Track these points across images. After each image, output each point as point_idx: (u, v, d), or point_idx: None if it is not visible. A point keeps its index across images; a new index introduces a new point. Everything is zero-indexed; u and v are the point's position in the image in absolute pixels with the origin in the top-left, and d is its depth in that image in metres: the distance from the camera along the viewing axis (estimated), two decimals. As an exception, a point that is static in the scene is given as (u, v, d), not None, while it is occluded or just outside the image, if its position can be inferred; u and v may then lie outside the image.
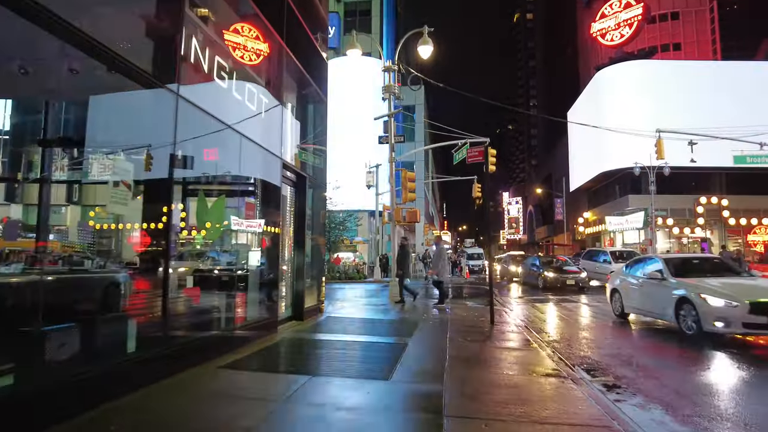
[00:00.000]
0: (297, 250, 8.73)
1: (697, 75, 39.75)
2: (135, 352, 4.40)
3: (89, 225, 4.38)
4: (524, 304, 13.87)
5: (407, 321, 9.27)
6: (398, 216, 15.13)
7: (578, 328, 9.51)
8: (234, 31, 6.37)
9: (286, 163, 8.02)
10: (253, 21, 6.79)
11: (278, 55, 7.68)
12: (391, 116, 15.48)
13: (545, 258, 21.97)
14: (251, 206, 6.76)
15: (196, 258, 6.44)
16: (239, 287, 6.83)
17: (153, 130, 4.82)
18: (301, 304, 8.69)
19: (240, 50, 6.41)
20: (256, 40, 6.68)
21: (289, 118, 8.50)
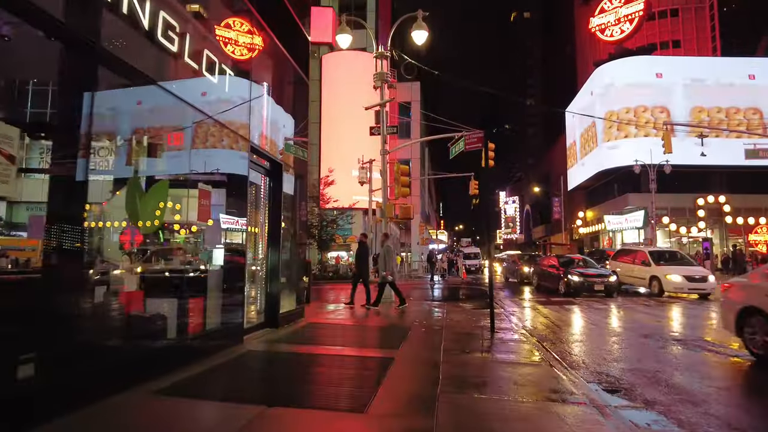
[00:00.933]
0: (272, 248, 7.67)
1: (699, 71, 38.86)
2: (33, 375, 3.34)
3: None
4: (535, 310, 12.17)
5: (396, 328, 8.22)
6: (390, 212, 14.08)
7: (604, 342, 7.79)
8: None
9: (257, 147, 6.95)
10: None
11: (248, 23, 6.62)
12: (383, 106, 14.42)
13: (565, 258, 18.65)
14: (205, 194, 5.68)
15: (140, 257, 5.38)
16: (195, 291, 5.77)
17: (60, 93, 3.75)
18: (275, 309, 7.63)
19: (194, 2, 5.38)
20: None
21: (262, 97, 7.44)
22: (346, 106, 37.91)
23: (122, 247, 4.85)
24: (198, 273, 5.96)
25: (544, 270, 18.04)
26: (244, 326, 6.64)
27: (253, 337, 6.79)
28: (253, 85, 6.81)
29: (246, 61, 6.59)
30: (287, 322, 8.06)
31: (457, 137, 17.63)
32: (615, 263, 18.37)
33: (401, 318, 9.80)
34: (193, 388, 4.28)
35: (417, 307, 12.38)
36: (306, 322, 8.45)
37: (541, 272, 18.26)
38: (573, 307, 12.67)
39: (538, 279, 18.69)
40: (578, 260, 17.52)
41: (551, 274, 17.10)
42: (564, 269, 16.25)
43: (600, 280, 15.40)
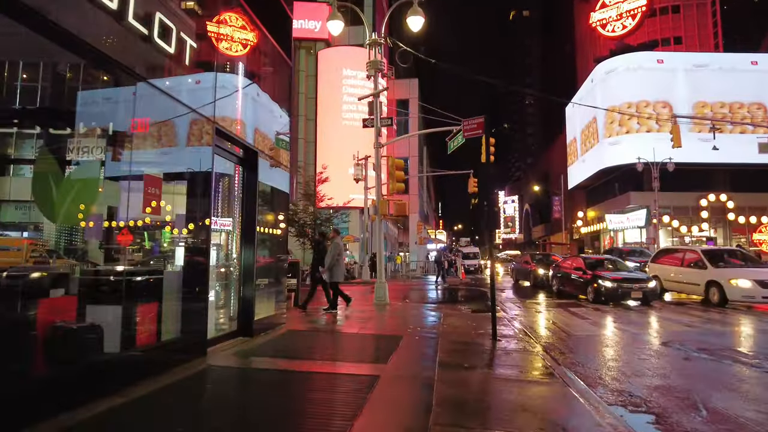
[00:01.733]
0: (245, 247, 6.80)
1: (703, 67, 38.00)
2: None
3: None
4: (554, 320, 10.04)
5: (387, 337, 7.34)
6: (384, 209, 13.21)
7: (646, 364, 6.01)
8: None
9: (225, 131, 6.08)
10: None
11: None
12: (376, 96, 13.56)
13: (591, 259, 15.63)
14: (153, 182, 4.79)
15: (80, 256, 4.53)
16: (147, 296, 4.90)
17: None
18: (249, 315, 6.76)
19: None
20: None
21: (233, 75, 6.57)
22: (343, 103, 37.14)
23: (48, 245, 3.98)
24: (151, 275, 5.09)
25: (566, 273, 15.44)
26: (209, 336, 5.77)
27: (220, 349, 5.92)
28: (218, 55, 5.93)
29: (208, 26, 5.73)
30: (265, 330, 7.19)
31: (456, 131, 16.77)
32: (655, 266, 15.48)
33: (394, 324, 8.93)
34: (114, 421, 3.40)
35: (413, 310, 11.51)
36: (286, 330, 7.57)
37: (563, 276, 15.67)
38: (603, 317, 10.56)
39: (559, 283, 15.97)
40: (606, 262, 15.06)
41: (576, 279, 14.60)
42: (592, 273, 13.82)
43: (638, 286, 12.89)
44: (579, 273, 14.51)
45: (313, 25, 40.74)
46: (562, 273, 15.84)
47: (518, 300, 15.13)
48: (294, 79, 38.65)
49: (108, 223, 4.76)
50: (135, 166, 4.95)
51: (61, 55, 3.93)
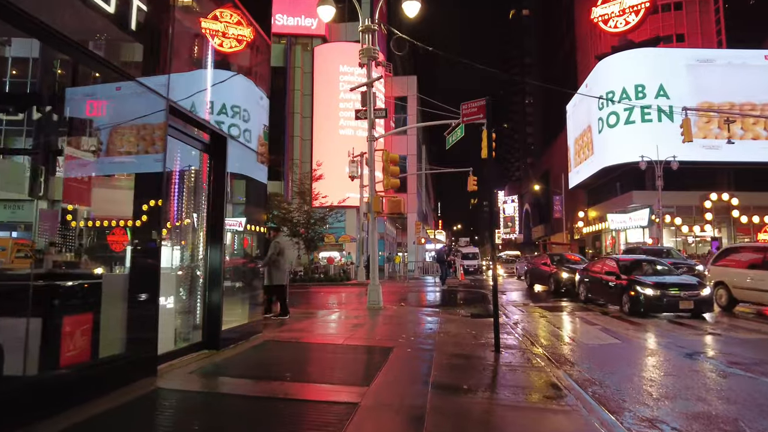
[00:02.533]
0: (212, 246, 5.92)
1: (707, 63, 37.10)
2: None
3: None
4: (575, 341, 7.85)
5: (375, 349, 6.47)
6: (378, 206, 12.34)
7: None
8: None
9: (186, 112, 5.21)
10: None
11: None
12: (370, 85, 12.69)
13: (628, 260, 12.84)
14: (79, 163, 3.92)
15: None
16: (78, 305, 4.04)
17: None
18: (215, 325, 5.88)
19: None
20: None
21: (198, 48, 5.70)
22: (340, 100, 36.26)
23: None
24: (86, 280, 4.22)
25: (596, 278, 12.90)
26: (164, 350, 4.90)
27: (177, 365, 5.05)
28: (176, 22, 5.05)
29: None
30: (236, 341, 6.32)
31: (454, 124, 15.93)
32: (718, 269, 12.43)
33: (385, 332, 8.06)
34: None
35: (408, 315, 10.64)
36: (263, 340, 6.68)
37: (593, 281, 13.13)
38: (639, 330, 8.65)
39: (587, 290, 13.48)
40: (645, 264, 12.50)
41: (608, 285, 12.07)
42: (627, 277, 11.36)
43: (687, 293, 10.41)
44: (611, 278, 11.92)
45: (310, 22, 39.97)
46: (591, 278, 13.29)
47: (528, 304, 14.09)
48: (289, 75, 37.83)
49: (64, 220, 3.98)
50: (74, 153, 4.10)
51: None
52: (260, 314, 7.13)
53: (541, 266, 18.19)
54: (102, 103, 4.73)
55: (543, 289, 18.18)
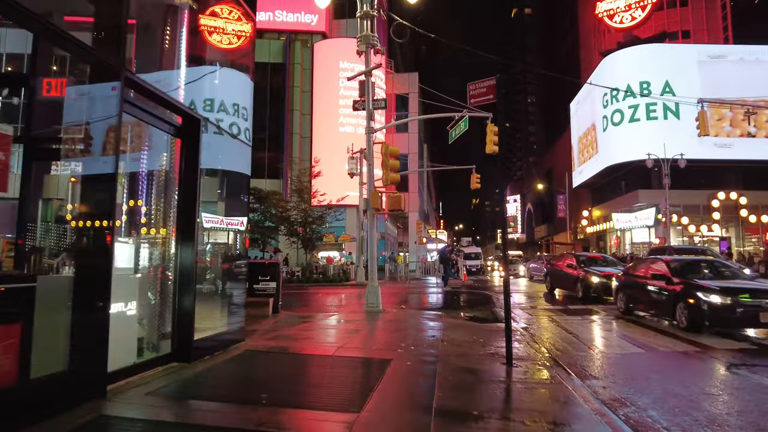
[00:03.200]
0: (183, 245, 5.17)
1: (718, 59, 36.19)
2: None
3: None
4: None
5: (370, 361, 5.72)
6: (376, 202, 11.57)
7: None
8: None
9: (144, 86, 4.45)
10: None
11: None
12: (368, 74, 11.94)
13: (680, 261, 10.31)
14: None
15: None
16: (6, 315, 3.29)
17: None
18: (187, 333, 5.13)
19: None
20: None
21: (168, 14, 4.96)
22: (340, 97, 35.52)
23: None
24: (11, 283, 3.47)
25: (640, 284, 10.34)
26: (122, 365, 4.16)
27: (135, 383, 4.29)
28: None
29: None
30: (212, 351, 5.56)
31: (458, 117, 15.17)
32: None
33: (383, 340, 7.30)
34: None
35: (409, 320, 9.88)
36: (244, 350, 5.93)
37: (635, 287, 10.57)
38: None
39: (628, 298, 10.80)
40: (703, 265, 10.17)
41: (656, 292, 9.60)
42: (682, 281, 8.88)
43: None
44: (659, 283, 9.51)
45: (310, 19, 39.30)
46: (633, 284, 10.66)
47: (552, 311, 12.58)
48: (288, 72, 37.08)
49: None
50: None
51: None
52: (242, 320, 6.38)
53: (566, 269, 15.69)
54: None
55: (566, 293, 15.86)
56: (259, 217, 23.91)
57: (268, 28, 39.13)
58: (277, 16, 39.10)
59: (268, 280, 11.17)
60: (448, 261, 21.73)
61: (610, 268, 14.38)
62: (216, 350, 5.63)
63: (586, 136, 45.81)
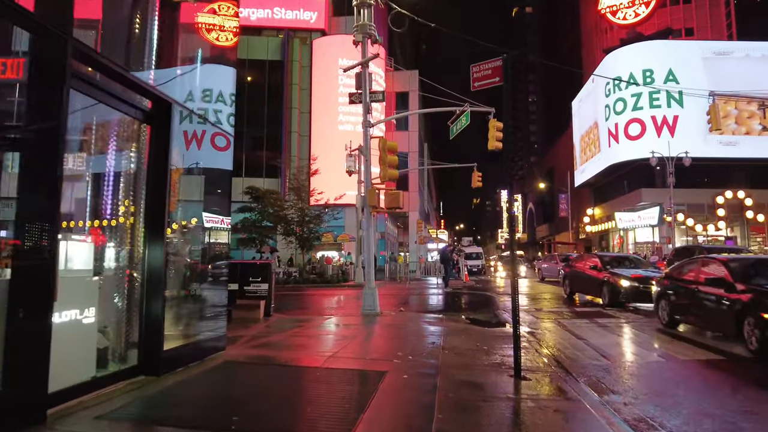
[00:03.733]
0: (151, 245, 4.60)
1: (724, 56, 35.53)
2: None
3: None
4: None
5: (363, 371, 5.14)
6: (373, 199, 11.00)
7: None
8: None
9: (98, 60, 3.88)
10: None
11: None
12: (365, 65, 11.37)
13: (745, 261, 8.42)
14: None
15: None
16: None
17: None
18: (155, 343, 4.56)
19: None
20: None
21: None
22: (339, 95, 34.94)
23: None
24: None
25: (690, 289, 8.34)
26: (70, 382, 3.59)
27: (87, 404, 3.71)
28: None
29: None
30: (186, 362, 4.99)
31: (459, 112, 14.59)
32: None
33: (379, 348, 6.73)
34: None
35: (408, 324, 9.30)
36: (222, 360, 5.35)
37: (683, 294, 8.56)
38: None
39: (672, 308, 8.84)
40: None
41: (712, 301, 7.60)
42: (749, 289, 6.90)
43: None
44: (718, 290, 7.43)
45: (309, 16, 38.76)
46: (680, 289, 8.66)
47: (576, 324, 10.03)
48: (287, 69, 36.51)
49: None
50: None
51: None
52: (223, 326, 5.81)
53: (588, 270, 13.73)
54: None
55: (588, 298, 14.13)
56: (257, 217, 23.35)
57: (267, 25, 38.60)
58: (275, 13, 38.56)
59: (259, 281, 10.62)
60: (449, 261, 20.88)
61: (641, 269, 12.79)
62: (191, 361, 5.05)
63: (588, 134, 45.22)
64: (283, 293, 17.24)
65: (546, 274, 24.99)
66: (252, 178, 32.96)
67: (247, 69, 36.42)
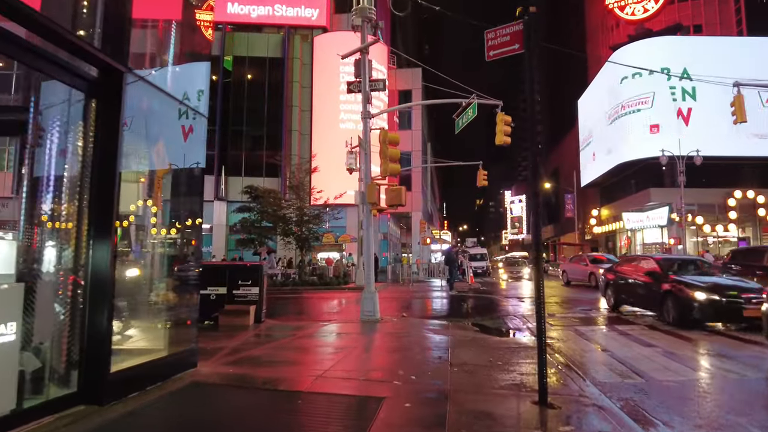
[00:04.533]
0: (96, 245, 3.75)
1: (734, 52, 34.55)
2: None
3: None
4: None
5: (355, 398, 4.27)
6: (373, 195, 10.14)
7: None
8: None
9: (23, 10, 3.04)
10: None
11: None
12: (364, 51, 10.52)
13: None
14: None
15: None
16: None
17: None
18: (100, 364, 3.69)
19: None
20: None
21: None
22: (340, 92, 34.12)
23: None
24: None
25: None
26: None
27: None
28: None
29: None
30: (144, 384, 4.13)
31: (465, 104, 13.73)
32: None
33: (376, 365, 5.85)
34: None
35: (411, 333, 8.42)
36: (189, 381, 4.48)
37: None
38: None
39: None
40: None
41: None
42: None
43: None
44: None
45: (310, 13, 38.01)
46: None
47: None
48: (287, 66, 35.71)
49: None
50: None
51: None
52: (194, 339, 4.95)
53: (642, 277, 10.58)
54: None
55: (640, 311, 11.02)
56: (256, 217, 22.55)
57: (267, 22, 37.90)
58: (276, 11, 37.84)
59: (249, 284, 9.79)
60: (454, 262, 19.63)
61: (721, 279, 9.77)
62: (150, 383, 4.19)
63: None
64: (280, 296, 16.41)
65: (572, 276, 21.94)
66: (251, 177, 32.22)
67: (247, 66, 35.71)
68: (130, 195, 4.34)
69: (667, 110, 34.96)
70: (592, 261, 20.75)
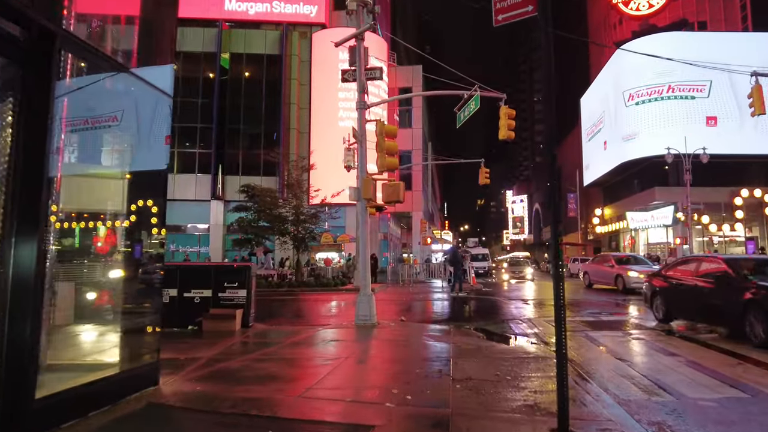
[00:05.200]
0: (19, 242, 3.07)
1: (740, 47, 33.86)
2: None
3: None
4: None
5: (340, 426, 3.58)
6: (368, 191, 9.45)
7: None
8: None
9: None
10: None
11: None
12: (360, 38, 9.84)
13: None
14: None
15: None
16: None
17: None
18: (22, 387, 3.00)
19: None
20: None
21: None
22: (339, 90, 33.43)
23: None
24: None
25: None
26: None
27: None
28: None
29: None
30: (86, 410, 3.44)
31: (467, 96, 13.05)
32: None
33: (368, 381, 5.16)
34: None
35: (409, 341, 7.72)
36: (144, 403, 3.79)
37: None
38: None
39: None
40: None
41: None
42: None
43: None
44: None
45: (309, 9, 37.35)
46: None
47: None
48: (285, 64, 35.03)
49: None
50: None
51: None
52: (155, 351, 4.26)
53: (705, 283, 8.35)
54: None
55: (684, 324, 9.18)
56: (252, 216, 21.88)
57: (265, 19, 37.25)
58: (274, 7, 37.18)
59: (236, 287, 9.11)
60: (459, 263, 17.87)
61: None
62: (93, 408, 3.50)
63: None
64: (274, 298, 15.75)
65: (594, 278, 19.81)
66: (248, 176, 31.58)
67: (244, 64, 35.07)
68: (73, 184, 3.65)
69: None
70: (618, 262, 18.41)
